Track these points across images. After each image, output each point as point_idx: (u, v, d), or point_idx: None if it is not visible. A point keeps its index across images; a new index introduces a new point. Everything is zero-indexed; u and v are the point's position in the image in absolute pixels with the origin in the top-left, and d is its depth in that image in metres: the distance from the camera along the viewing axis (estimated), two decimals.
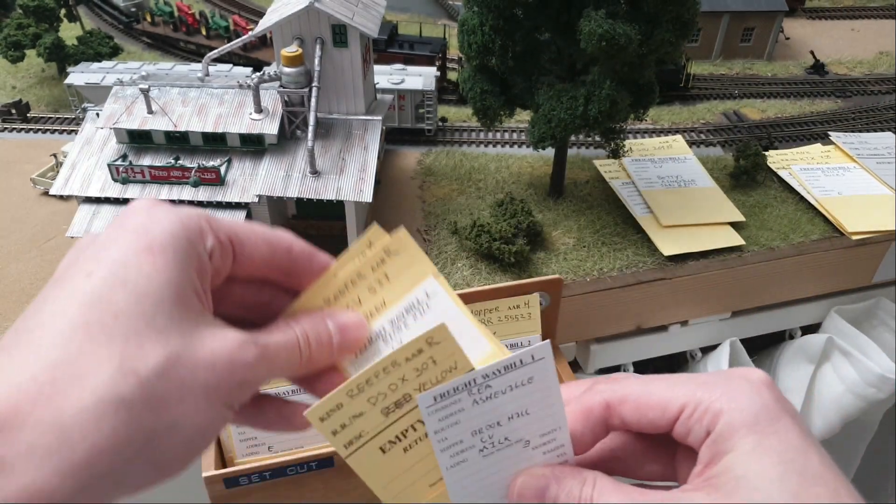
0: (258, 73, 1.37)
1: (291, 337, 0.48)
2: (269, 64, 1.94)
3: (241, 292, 0.50)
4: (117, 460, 0.35)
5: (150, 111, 1.37)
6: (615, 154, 1.55)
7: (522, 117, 1.91)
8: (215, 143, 1.40)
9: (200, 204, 1.36)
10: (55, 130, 1.96)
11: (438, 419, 0.47)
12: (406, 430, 0.49)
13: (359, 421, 0.49)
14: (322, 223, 1.55)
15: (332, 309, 0.53)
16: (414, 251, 0.58)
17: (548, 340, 0.49)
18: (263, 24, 1.41)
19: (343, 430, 0.49)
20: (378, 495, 0.52)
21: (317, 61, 1.37)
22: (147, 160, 1.38)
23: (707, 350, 1.68)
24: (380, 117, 1.48)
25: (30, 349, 0.37)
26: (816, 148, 1.90)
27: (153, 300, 0.39)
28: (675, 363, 1.80)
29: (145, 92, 1.36)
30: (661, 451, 0.52)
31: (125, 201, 1.36)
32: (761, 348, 1.83)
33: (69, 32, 2.22)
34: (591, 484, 0.48)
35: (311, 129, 1.35)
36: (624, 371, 1.62)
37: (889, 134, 1.97)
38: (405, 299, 0.56)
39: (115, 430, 0.35)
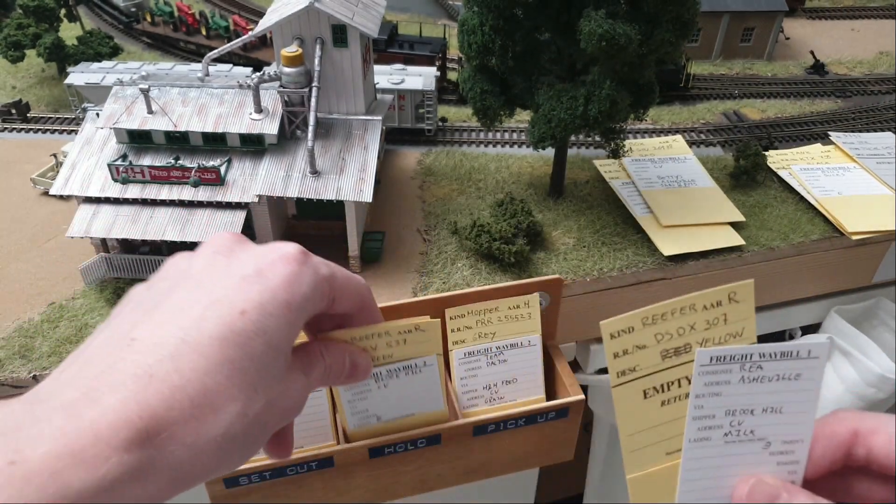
0: (258, 73, 1.37)
1: (321, 370, 0.56)
2: (269, 64, 1.94)
3: None
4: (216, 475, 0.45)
5: (150, 111, 1.37)
6: (615, 154, 1.55)
7: (522, 117, 1.91)
8: (215, 143, 1.40)
9: (200, 204, 1.36)
10: (55, 130, 1.96)
11: (705, 382, 0.48)
12: (672, 382, 0.51)
13: (639, 353, 0.50)
14: (322, 223, 1.55)
15: (353, 348, 0.62)
16: (434, 335, 0.75)
17: (827, 340, 0.49)
18: (263, 24, 1.41)
19: (622, 357, 0.51)
20: (622, 442, 0.52)
21: (317, 61, 1.37)
22: (147, 160, 1.38)
23: None
24: (380, 117, 1.48)
25: (176, 368, 0.42)
26: (816, 148, 1.90)
27: (278, 353, 0.47)
28: None
29: (145, 92, 1.36)
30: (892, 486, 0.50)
31: (125, 201, 1.36)
32: None
33: (69, 32, 2.22)
34: None
35: (311, 129, 1.35)
36: None
37: (889, 134, 1.97)
38: (407, 360, 0.77)
39: (223, 459, 0.43)
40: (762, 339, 0.49)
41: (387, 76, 1.84)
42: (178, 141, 1.39)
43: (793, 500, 0.48)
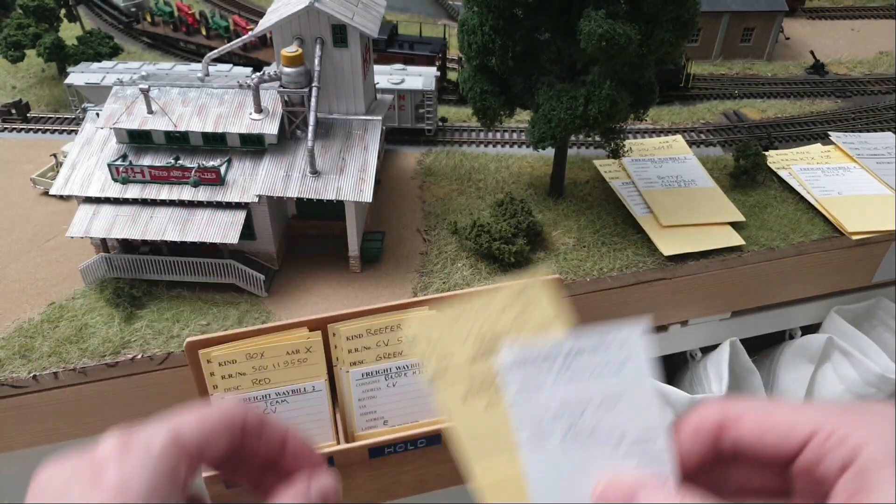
0: (258, 73, 1.37)
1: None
2: (269, 64, 1.94)
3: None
4: None
5: (150, 111, 1.37)
6: (615, 154, 1.55)
7: (522, 117, 1.91)
8: (215, 143, 1.40)
9: (200, 204, 1.36)
10: (55, 130, 1.96)
11: (518, 385, 0.46)
12: (489, 384, 0.48)
13: (449, 354, 0.48)
14: (322, 223, 1.55)
15: (317, 471, 0.53)
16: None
17: (643, 322, 0.47)
18: (263, 24, 1.41)
19: (434, 357, 0.48)
20: (464, 450, 0.49)
21: (317, 61, 1.37)
22: (147, 160, 1.38)
23: (707, 350, 1.68)
24: (380, 117, 1.48)
25: None
26: (816, 148, 1.90)
27: None
28: (675, 363, 1.80)
29: (145, 92, 1.35)
30: (769, 470, 0.49)
31: (125, 201, 1.36)
32: (761, 348, 1.83)
33: (69, 32, 2.22)
34: (688, 499, 0.45)
35: (311, 129, 1.35)
36: None
37: (889, 134, 1.97)
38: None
39: None
40: (762, 338, 0.48)
41: (387, 76, 1.84)
42: (178, 141, 1.39)
43: (651, 500, 0.46)
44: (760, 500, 0.50)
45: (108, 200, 1.36)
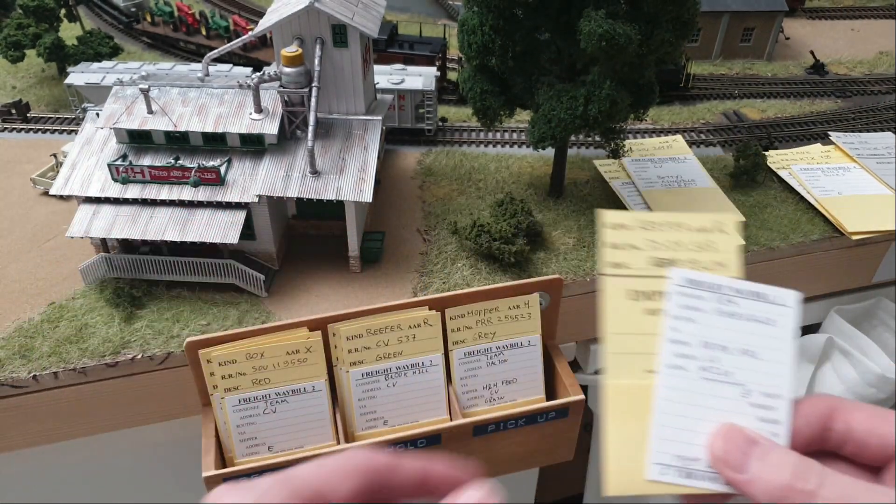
0: (258, 73, 1.37)
1: None
2: (269, 64, 1.94)
3: None
4: None
5: (150, 111, 1.37)
6: (615, 154, 1.55)
7: (522, 117, 1.91)
8: (215, 143, 1.40)
9: (200, 204, 1.36)
10: (55, 130, 1.96)
11: (679, 304, 0.50)
12: (658, 293, 0.52)
13: (632, 253, 0.52)
14: (322, 223, 1.55)
15: (461, 490, 0.52)
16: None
17: (799, 293, 0.50)
18: (263, 24, 1.41)
19: (617, 250, 0.52)
20: (606, 340, 0.52)
21: (317, 61, 1.37)
22: (147, 160, 1.38)
23: None
24: (380, 117, 1.48)
25: None
26: (816, 148, 1.90)
27: None
28: None
29: (145, 92, 1.36)
30: (865, 470, 0.50)
31: (125, 201, 1.36)
32: None
33: (69, 32, 2.22)
34: (813, 469, 0.45)
35: (311, 129, 1.35)
36: None
37: (889, 134, 1.97)
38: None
39: None
40: None
41: (387, 76, 1.84)
42: (178, 141, 1.39)
43: (771, 454, 0.47)
44: None
45: (108, 200, 1.36)
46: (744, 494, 0.47)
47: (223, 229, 1.33)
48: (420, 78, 1.84)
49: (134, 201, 1.36)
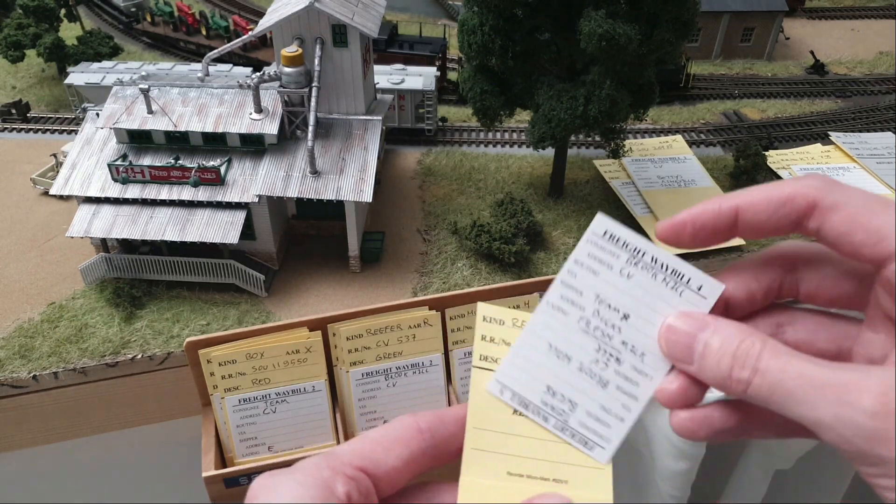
0: (258, 73, 1.37)
1: None
2: (269, 64, 1.94)
3: None
4: None
5: (150, 111, 1.37)
6: (615, 154, 1.55)
7: (522, 117, 1.91)
8: (215, 143, 1.40)
9: (200, 204, 1.36)
10: (55, 130, 1.96)
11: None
12: None
13: (503, 349, 0.49)
14: (322, 223, 1.55)
15: None
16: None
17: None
18: (263, 24, 1.41)
19: (488, 343, 0.50)
20: (466, 434, 0.49)
21: (317, 61, 1.37)
22: (147, 160, 1.38)
23: None
24: (380, 117, 1.48)
25: None
26: (816, 148, 1.90)
27: None
28: None
29: (145, 92, 1.35)
30: (842, 279, 0.46)
31: (125, 201, 1.36)
32: None
33: (69, 32, 2.22)
34: (757, 341, 0.42)
35: (311, 129, 1.35)
36: None
37: (889, 134, 1.97)
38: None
39: None
40: None
41: (387, 76, 1.84)
42: (178, 141, 1.39)
43: (711, 341, 0.44)
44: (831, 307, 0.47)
45: (108, 200, 1.36)
46: (702, 382, 0.46)
47: (223, 229, 1.33)
48: (420, 78, 1.84)
49: (134, 201, 1.36)
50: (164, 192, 1.35)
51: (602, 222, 0.46)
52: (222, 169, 1.35)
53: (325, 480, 0.44)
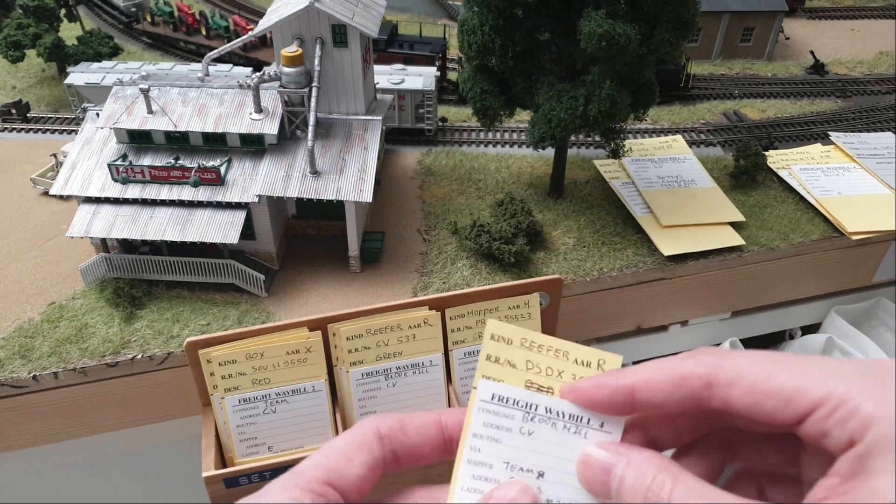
0: (258, 73, 1.37)
1: None
2: (269, 64, 1.94)
3: None
4: None
5: (150, 111, 1.37)
6: (615, 154, 1.55)
7: (522, 117, 1.91)
8: (215, 143, 1.40)
9: (200, 204, 1.36)
10: (55, 130, 1.96)
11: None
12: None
13: (508, 370, 0.49)
14: (322, 223, 1.55)
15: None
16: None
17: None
18: (263, 24, 1.41)
19: (493, 364, 0.49)
20: (461, 445, 0.50)
21: (317, 61, 1.37)
22: (147, 160, 1.38)
23: None
24: (380, 117, 1.48)
25: None
26: (816, 148, 1.90)
27: None
28: None
29: (145, 92, 1.36)
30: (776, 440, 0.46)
31: (125, 201, 1.36)
32: (761, 348, 1.83)
33: (69, 32, 2.22)
34: (669, 470, 0.42)
35: (311, 129, 1.35)
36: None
37: (889, 134, 1.97)
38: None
39: None
40: (762, 338, 0.48)
41: (387, 76, 1.84)
42: (178, 141, 1.39)
43: (631, 469, 0.44)
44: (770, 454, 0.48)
45: (108, 200, 1.36)
46: None
47: (223, 229, 1.33)
48: (420, 78, 1.84)
49: (134, 201, 1.36)
50: (164, 192, 1.35)
51: (486, 387, 0.47)
52: (222, 169, 1.35)
53: (294, 500, 0.45)
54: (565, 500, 0.47)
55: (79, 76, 1.84)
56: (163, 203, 1.36)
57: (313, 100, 1.35)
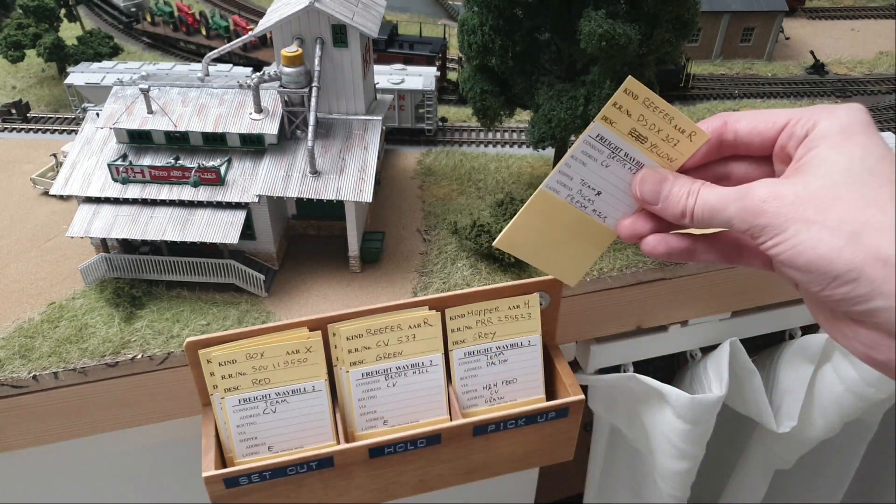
0: (258, 73, 1.37)
1: None
2: (269, 64, 1.94)
3: None
4: None
5: (150, 111, 1.37)
6: None
7: (522, 117, 1.91)
8: (215, 143, 1.40)
9: (200, 204, 1.36)
10: (55, 130, 1.96)
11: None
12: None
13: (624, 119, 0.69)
14: (322, 223, 1.55)
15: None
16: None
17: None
18: (263, 24, 1.41)
19: (618, 111, 0.68)
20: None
21: (317, 61, 1.37)
22: (147, 160, 1.38)
23: (707, 350, 1.68)
24: (380, 117, 1.48)
25: None
26: None
27: None
28: (675, 363, 1.81)
29: (145, 92, 1.36)
30: (761, 161, 0.66)
31: (125, 201, 1.36)
32: (761, 348, 1.83)
33: (69, 32, 2.22)
34: (700, 182, 0.64)
35: (311, 129, 1.35)
36: (624, 371, 1.62)
37: (889, 134, 1.97)
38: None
39: None
40: (762, 338, 0.51)
41: (387, 76, 1.84)
42: (178, 141, 1.39)
43: (675, 183, 0.65)
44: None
45: (108, 200, 1.36)
46: (663, 217, 0.68)
47: (223, 229, 1.33)
48: (420, 78, 1.84)
49: (134, 201, 1.36)
50: (164, 192, 1.35)
51: (596, 128, 0.67)
52: (222, 169, 1.35)
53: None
54: (604, 214, 0.72)
55: (79, 76, 1.84)
56: (163, 203, 1.36)
57: (313, 100, 1.35)
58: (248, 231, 1.41)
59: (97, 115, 1.43)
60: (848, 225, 0.52)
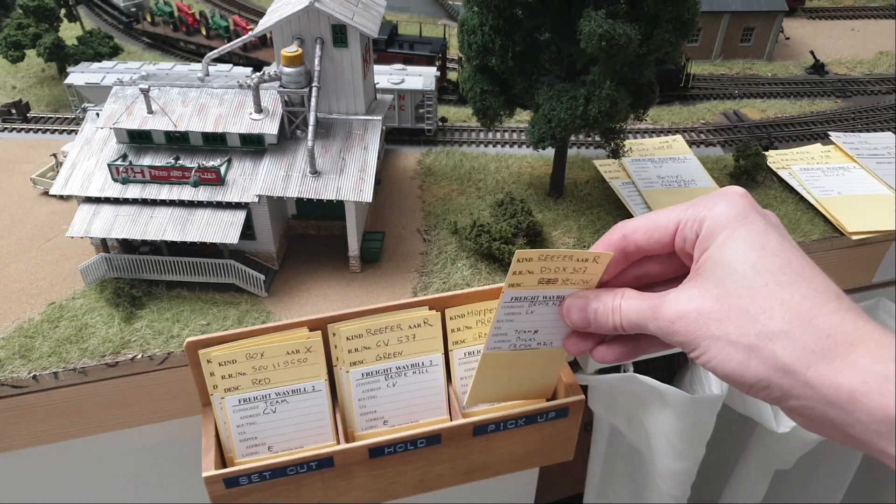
0: (258, 73, 1.37)
1: None
2: (269, 64, 1.94)
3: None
4: None
5: (150, 111, 1.37)
6: (615, 154, 1.55)
7: (522, 117, 1.91)
8: (215, 143, 1.40)
9: (200, 204, 1.36)
10: (55, 130, 1.96)
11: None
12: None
13: (527, 277, 0.74)
14: (322, 223, 1.55)
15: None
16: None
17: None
18: (263, 24, 1.41)
19: (518, 276, 0.73)
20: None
21: (317, 61, 1.37)
22: (147, 160, 1.38)
23: None
24: (380, 117, 1.48)
25: None
26: (816, 148, 1.90)
27: None
28: (675, 363, 1.80)
29: (145, 92, 1.36)
30: (669, 260, 0.69)
31: (125, 201, 1.36)
32: None
33: (69, 32, 2.22)
34: (620, 294, 0.68)
35: (311, 129, 1.35)
36: (624, 371, 1.62)
37: (889, 134, 1.97)
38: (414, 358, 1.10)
39: None
40: None
41: (387, 76, 1.84)
42: (178, 141, 1.39)
43: (598, 302, 0.69)
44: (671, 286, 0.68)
45: (108, 200, 1.36)
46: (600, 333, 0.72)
47: (223, 229, 1.33)
48: (420, 78, 1.84)
49: (134, 201, 1.36)
50: (165, 192, 1.35)
51: (509, 294, 0.73)
52: (222, 169, 1.35)
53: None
54: (552, 340, 0.79)
55: (79, 76, 1.84)
56: (163, 203, 1.36)
57: (313, 100, 1.35)
58: (248, 231, 1.41)
59: (97, 115, 1.43)
60: (745, 338, 0.56)
